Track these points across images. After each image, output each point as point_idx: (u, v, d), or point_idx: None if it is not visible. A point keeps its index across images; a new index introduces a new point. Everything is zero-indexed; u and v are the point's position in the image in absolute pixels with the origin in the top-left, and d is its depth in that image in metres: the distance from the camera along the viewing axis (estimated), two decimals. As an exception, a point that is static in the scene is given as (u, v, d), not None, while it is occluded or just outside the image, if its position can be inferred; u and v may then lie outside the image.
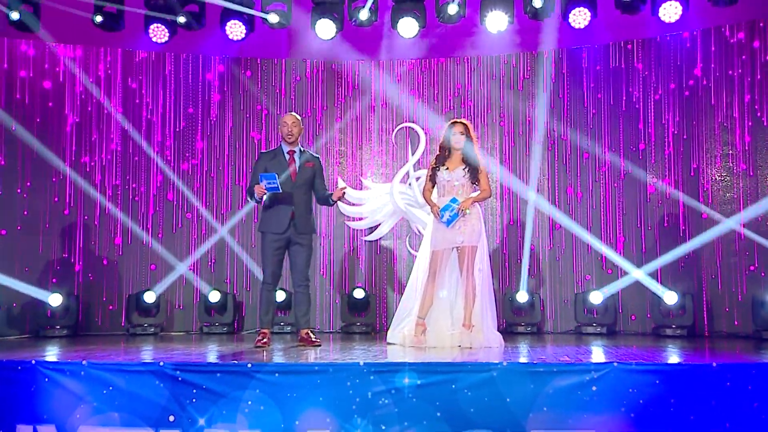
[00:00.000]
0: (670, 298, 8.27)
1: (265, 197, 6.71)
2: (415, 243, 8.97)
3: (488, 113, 9.39)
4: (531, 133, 9.26)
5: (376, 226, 9.04)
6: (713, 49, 8.53)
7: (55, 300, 8.45)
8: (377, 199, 8.97)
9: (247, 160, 9.30)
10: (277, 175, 6.56)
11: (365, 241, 9.31)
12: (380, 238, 9.24)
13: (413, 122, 9.28)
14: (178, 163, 9.31)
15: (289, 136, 6.84)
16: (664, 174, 8.70)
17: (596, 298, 8.64)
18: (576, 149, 9.10)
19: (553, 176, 9.17)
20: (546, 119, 9.20)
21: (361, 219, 9.11)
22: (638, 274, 8.53)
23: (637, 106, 8.88)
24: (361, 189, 9.28)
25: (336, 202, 6.92)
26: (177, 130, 9.33)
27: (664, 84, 8.78)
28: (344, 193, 6.90)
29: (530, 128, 9.27)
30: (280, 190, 6.58)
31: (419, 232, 8.81)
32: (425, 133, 9.13)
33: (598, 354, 6.13)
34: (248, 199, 7.09)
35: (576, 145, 9.09)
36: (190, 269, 9.14)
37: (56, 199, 8.90)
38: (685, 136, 8.65)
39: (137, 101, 9.25)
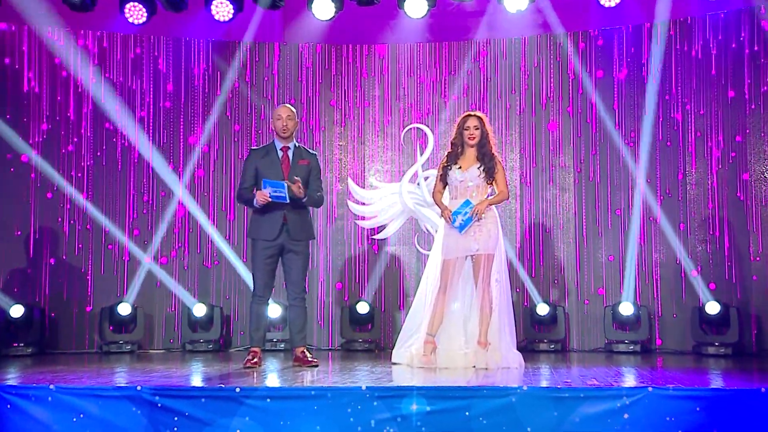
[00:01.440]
0: (713, 307, 8.26)
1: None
2: (424, 243, 8.95)
3: (506, 104, 9.36)
4: (554, 126, 9.24)
5: (384, 226, 9.05)
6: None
7: (16, 311, 8.42)
8: (385, 199, 8.99)
9: (237, 165, 9.26)
10: (287, 185, 6.54)
11: (369, 244, 9.30)
12: (386, 241, 9.22)
13: (421, 110, 9.26)
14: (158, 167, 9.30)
15: (284, 131, 6.83)
16: (709, 173, 8.66)
17: (627, 310, 8.62)
18: (606, 141, 9.06)
19: (583, 171, 9.13)
20: (571, 109, 9.18)
21: (367, 218, 9.11)
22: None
23: (674, 95, 8.85)
24: (364, 187, 9.28)
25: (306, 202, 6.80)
26: (161, 136, 9.32)
27: (706, 69, 8.73)
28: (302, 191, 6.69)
29: (553, 120, 9.24)
30: (288, 201, 6.57)
31: (428, 231, 8.79)
32: (435, 124, 9.11)
33: (630, 376, 6.12)
34: (238, 202, 7.06)
35: (605, 136, 9.06)
36: (180, 285, 9.16)
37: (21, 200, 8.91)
38: (734, 127, 8.62)
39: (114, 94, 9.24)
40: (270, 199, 6.56)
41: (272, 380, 5.87)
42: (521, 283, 9.10)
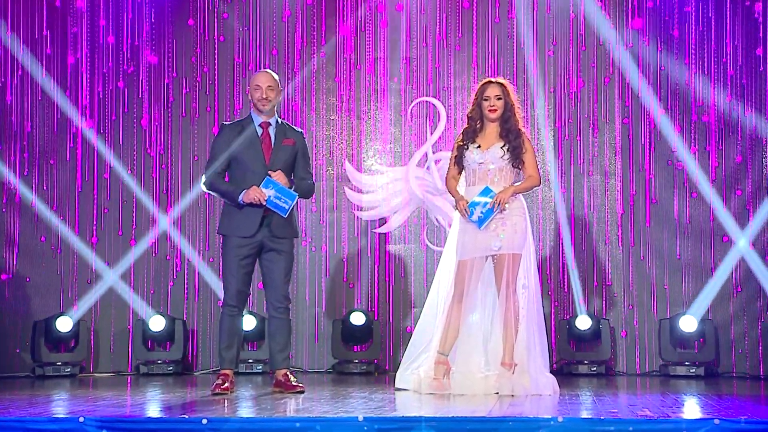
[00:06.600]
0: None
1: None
2: (434, 238, 8.96)
3: (537, 69, 9.36)
4: (595, 96, 9.24)
5: (387, 219, 9.09)
6: None
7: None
8: (388, 186, 9.04)
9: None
10: (297, 196, 6.66)
11: (367, 241, 9.31)
12: (387, 237, 9.24)
13: (431, 87, 9.29)
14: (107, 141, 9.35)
15: (263, 103, 6.85)
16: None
17: (689, 324, 8.64)
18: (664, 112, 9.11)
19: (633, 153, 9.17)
20: (618, 74, 9.19)
21: (371, 209, 9.15)
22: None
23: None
24: (362, 172, 9.31)
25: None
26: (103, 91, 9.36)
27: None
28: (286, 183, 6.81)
29: (595, 89, 9.25)
30: (286, 216, 6.66)
31: (439, 223, 8.83)
32: (449, 94, 9.13)
33: (692, 406, 6.16)
34: (208, 190, 7.05)
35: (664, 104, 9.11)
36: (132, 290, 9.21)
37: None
38: None
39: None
40: (266, 204, 6.61)
41: (247, 409, 5.90)
42: (555, 290, 9.13)
